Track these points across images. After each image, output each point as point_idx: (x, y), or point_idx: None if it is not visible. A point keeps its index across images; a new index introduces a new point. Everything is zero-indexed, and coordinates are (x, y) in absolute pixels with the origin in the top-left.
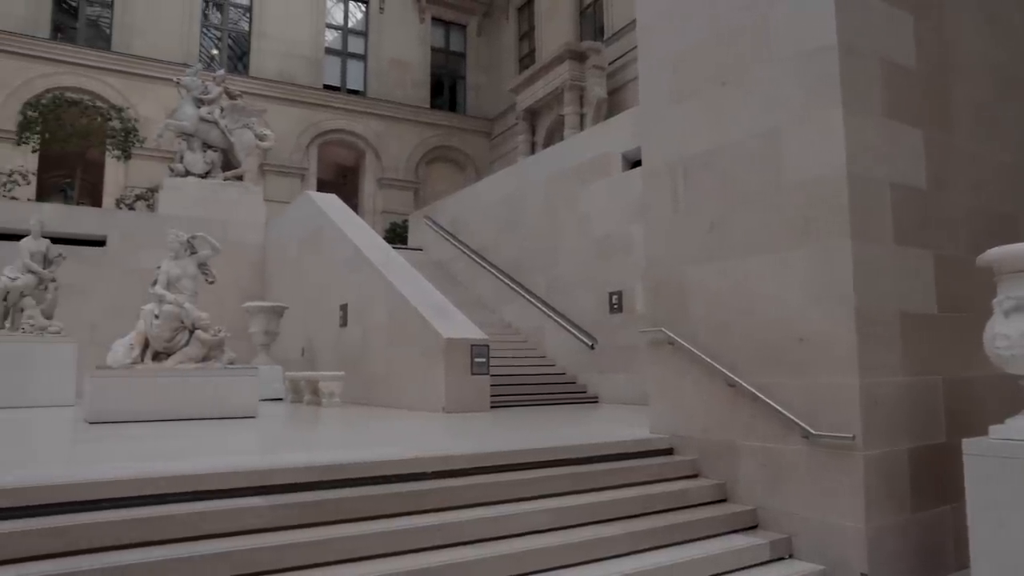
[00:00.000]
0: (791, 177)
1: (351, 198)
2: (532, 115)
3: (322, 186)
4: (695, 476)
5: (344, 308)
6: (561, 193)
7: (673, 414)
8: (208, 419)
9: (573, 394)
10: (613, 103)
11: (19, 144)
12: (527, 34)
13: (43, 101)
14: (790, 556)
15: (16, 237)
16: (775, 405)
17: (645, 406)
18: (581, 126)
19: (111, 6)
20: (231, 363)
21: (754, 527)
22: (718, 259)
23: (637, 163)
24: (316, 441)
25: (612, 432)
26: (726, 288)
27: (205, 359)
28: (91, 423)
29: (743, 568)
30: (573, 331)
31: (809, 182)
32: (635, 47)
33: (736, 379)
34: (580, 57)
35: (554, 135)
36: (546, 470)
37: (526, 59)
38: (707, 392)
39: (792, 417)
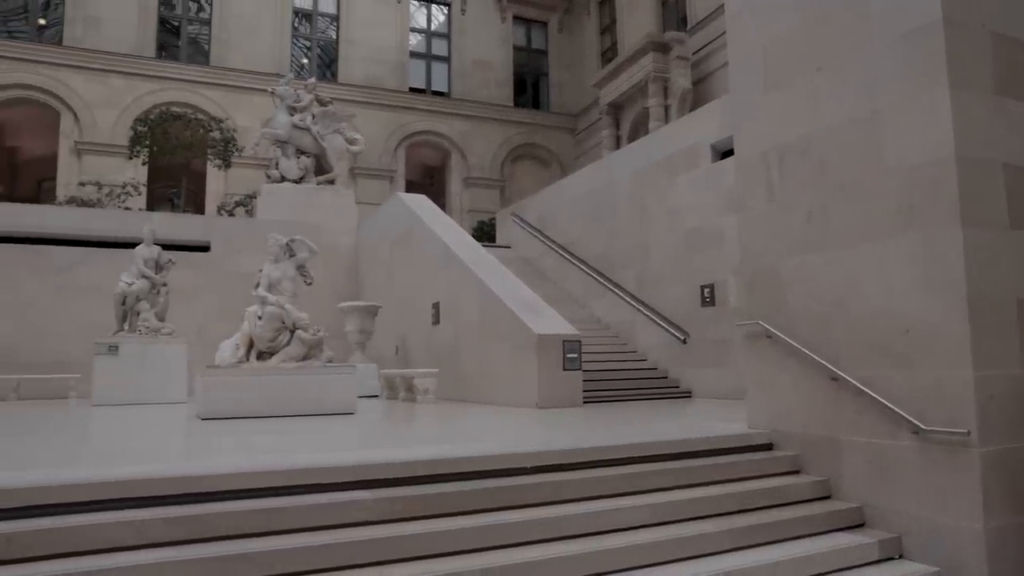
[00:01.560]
0: (894, 162)
1: (438, 198)
2: (616, 109)
3: (410, 187)
4: (796, 472)
5: (436, 306)
6: (649, 186)
7: (772, 409)
8: (309, 415)
9: (665, 389)
10: (698, 94)
11: (130, 158)
12: (608, 28)
13: (151, 116)
14: (900, 556)
15: (130, 245)
16: (881, 399)
17: (740, 400)
18: (666, 118)
19: (209, 23)
20: (330, 361)
21: (861, 525)
22: (817, 249)
23: (727, 154)
24: (414, 437)
25: (709, 427)
26: (826, 279)
27: (306, 358)
28: (203, 419)
29: (850, 568)
30: (664, 325)
31: (914, 167)
32: (719, 36)
33: (839, 372)
34: (663, 48)
35: (639, 128)
36: (644, 465)
37: (608, 53)
38: (807, 386)
39: (900, 412)
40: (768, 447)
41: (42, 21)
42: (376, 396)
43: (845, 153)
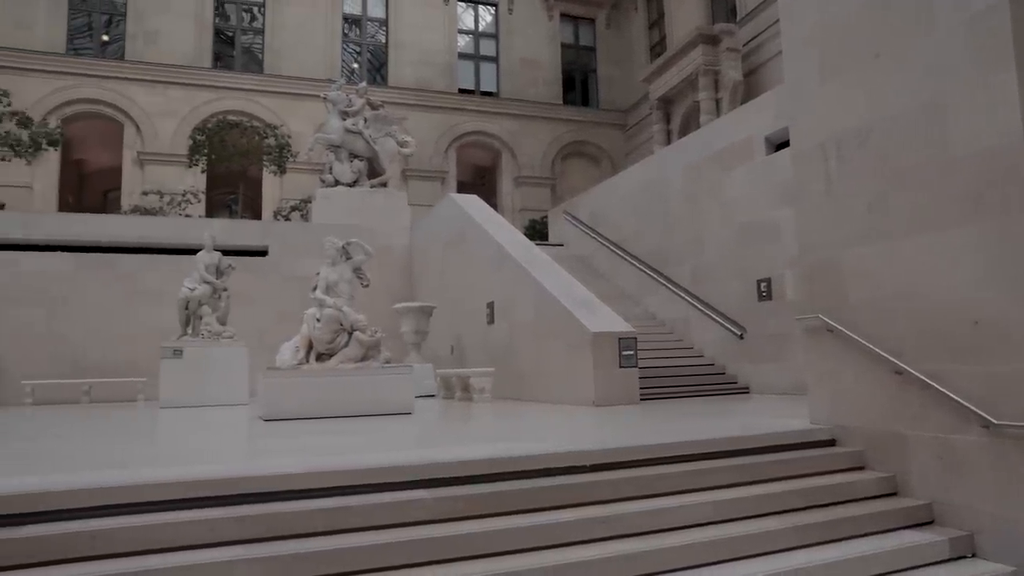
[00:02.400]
0: (958, 150)
1: (489, 198)
2: (666, 104)
3: (461, 187)
4: (861, 468)
5: (490, 306)
6: (702, 181)
7: (834, 404)
8: (368, 415)
9: (722, 385)
10: (750, 85)
11: (190, 166)
12: (657, 22)
13: (208, 125)
14: (972, 555)
15: (191, 251)
16: (949, 393)
17: (799, 396)
18: (717, 111)
19: (262, 32)
20: (387, 362)
21: (929, 523)
22: (878, 241)
23: (781, 146)
24: (472, 436)
25: (769, 423)
26: (888, 271)
27: (364, 359)
28: (265, 420)
29: (920, 566)
30: (720, 320)
31: (980, 153)
32: (771, 25)
33: (903, 366)
34: (713, 41)
35: (690, 122)
36: (705, 462)
37: (657, 47)
38: (871, 380)
39: (969, 406)
40: (831, 443)
41: (105, 37)
42: (432, 396)
43: (907, 141)
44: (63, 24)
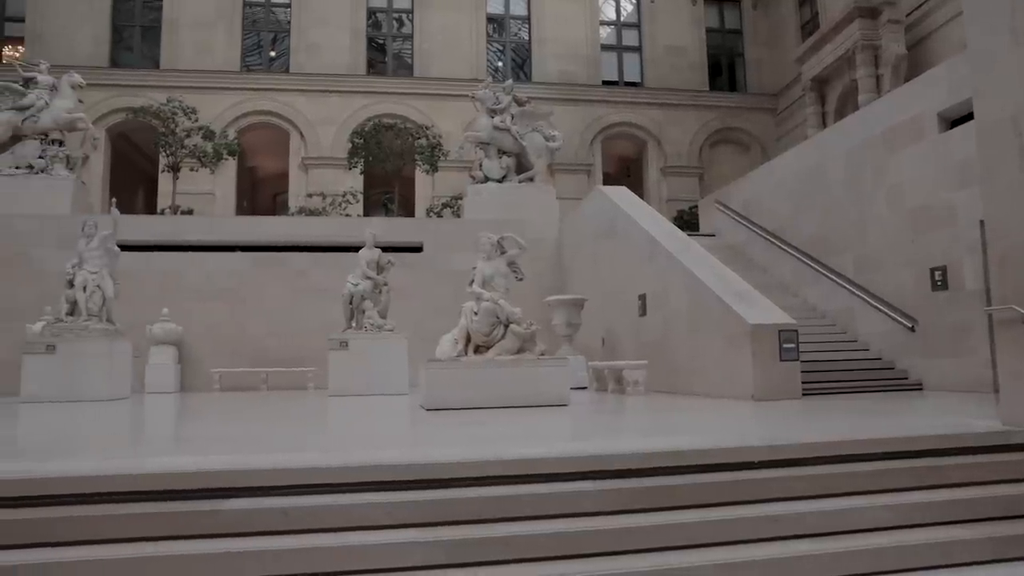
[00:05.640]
0: None
1: (636, 189)
2: (820, 84)
3: (606, 179)
4: None
5: (642, 298)
6: (865, 164)
7: None
8: (525, 407)
9: (891, 380)
10: (913, 60)
11: (349, 168)
12: None
13: (365, 129)
14: None
15: (351, 248)
16: None
17: (981, 393)
18: (878, 89)
19: (411, 38)
20: (542, 355)
21: None
22: None
23: (956, 123)
24: (631, 428)
25: (953, 422)
26: None
27: (519, 351)
28: (428, 409)
29: None
30: (888, 312)
31: None
32: None
33: None
34: (871, 14)
35: (846, 103)
36: (881, 463)
37: (808, 26)
38: None
39: None
40: None
41: (272, 54)
42: (584, 388)
43: None
44: (237, 44)
